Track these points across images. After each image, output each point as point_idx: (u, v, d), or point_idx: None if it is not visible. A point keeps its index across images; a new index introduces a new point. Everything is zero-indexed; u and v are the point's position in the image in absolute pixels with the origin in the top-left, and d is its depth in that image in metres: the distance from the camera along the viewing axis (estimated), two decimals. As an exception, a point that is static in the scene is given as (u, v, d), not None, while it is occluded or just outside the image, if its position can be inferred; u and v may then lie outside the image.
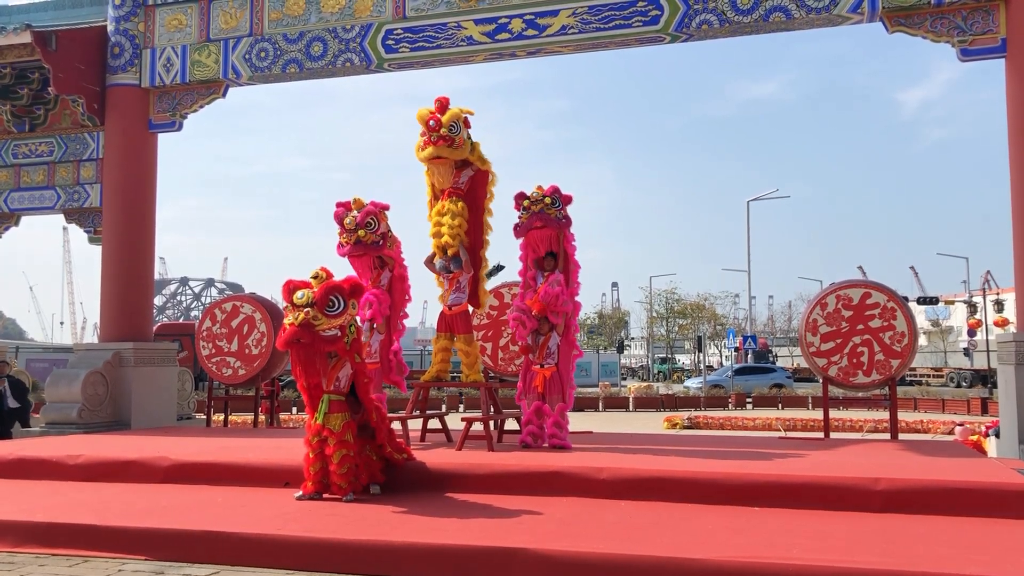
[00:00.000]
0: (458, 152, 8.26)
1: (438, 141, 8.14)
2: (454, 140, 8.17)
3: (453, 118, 8.19)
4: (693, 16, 9.79)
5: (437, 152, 8.18)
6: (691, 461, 7.19)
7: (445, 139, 8.13)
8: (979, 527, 5.57)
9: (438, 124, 8.14)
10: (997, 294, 47.47)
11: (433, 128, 8.16)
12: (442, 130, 8.12)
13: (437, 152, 8.18)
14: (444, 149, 8.17)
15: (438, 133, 8.13)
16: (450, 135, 8.14)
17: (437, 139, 8.14)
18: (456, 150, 8.22)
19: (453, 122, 8.18)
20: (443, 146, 8.15)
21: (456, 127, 8.20)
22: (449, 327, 8.70)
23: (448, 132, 8.13)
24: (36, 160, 12.99)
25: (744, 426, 22.21)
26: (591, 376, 49.44)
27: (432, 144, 8.17)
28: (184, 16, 11.86)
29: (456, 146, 8.20)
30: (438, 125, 8.14)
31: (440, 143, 8.14)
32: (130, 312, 11.92)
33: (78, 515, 6.08)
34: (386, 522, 5.82)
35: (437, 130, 8.14)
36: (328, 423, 6.66)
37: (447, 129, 8.13)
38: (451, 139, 8.15)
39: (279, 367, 12.21)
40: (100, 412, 11.28)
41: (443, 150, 8.17)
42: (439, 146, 8.15)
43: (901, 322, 9.53)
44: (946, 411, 27.30)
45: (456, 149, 8.22)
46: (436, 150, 8.17)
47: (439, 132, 8.13)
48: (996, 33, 9.02)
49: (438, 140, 8.14)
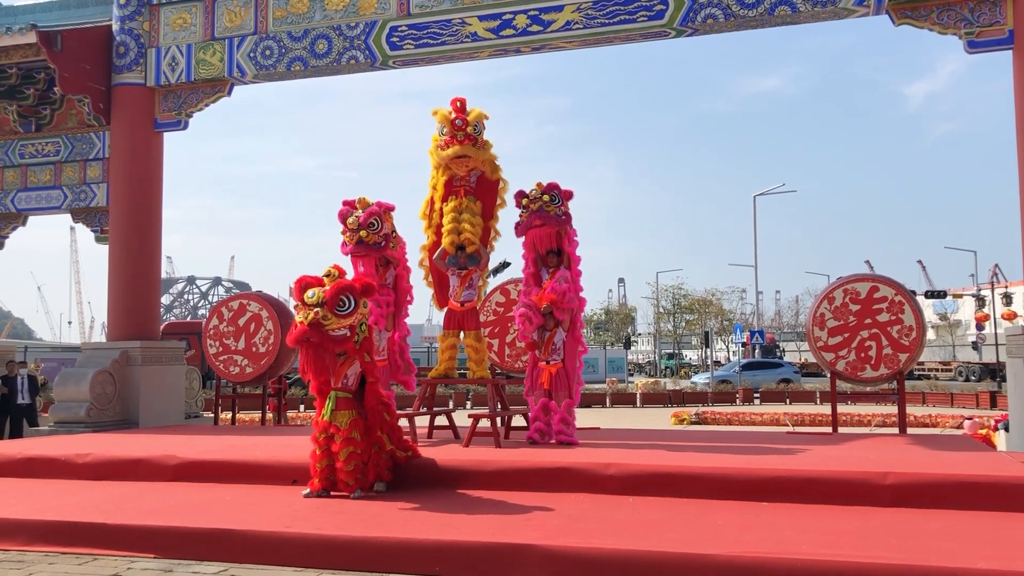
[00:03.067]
0: (481, 153, 8.39)
1: (464, 140, 8.26)
2: (477, 140, 8.31)
3: (477, 117, 8.34)
4: (698, 10, 9.75)
5: (464, 151, 8.28)
6: (699, 457, 7.17)
7: (471, 138, 8.26)
8: (989, 521, 5.54)
9: (464, 123, 8.24)
10: (1005, 287, 47.23)
11: (460, 127, 8.23)
12: (468, 128, 8.21)
13: (464, 151, 8.28)
14: (469, 148, 8.28)
15: (464, 132, 8.22)
16: (475, 135, 8.27)
17: (464, 138, 8.26)
18: (480, 150, 8.35)
19: (477, 121, 8.32)
20: (468, 145, 8.27)
21: (479, 127, 8.33)
22: (459, 324, 8.71)
23: (473, 131, 8.24)
24: (43, 160, 13.02)
25: (752, 421, 22.16)
26: (598, 372, 49.37)
27: (458, 143, 8.26)
28: (189, 15, 11.87)
29: (479, 146, 8.34)
30: (464, 124, 8.23)
31: (466, 142, 8.27)
32: (137, 311, 11.95)
33: (87, 514, 6.09)
34: (394, 519, 5.82)
35: (464, 128, 8.22)
36: (335, 420, 6.66)
37: (472, 128, 8.24)
38: (475, 139, 8.29)
39: (286, 365, 12.23)
40: (108, 411, 11.31)
41: (468, 149, 8.27)
42: (465, 144, 8.26)
43: (909, 316, 9.50)
44: (955, 405, 27.20)
45: (480, 149, 8.34)
46: (462, 148, 8.27)
47: (465, 131, 8.21)
48: (1003, 25, 8.98)
49: (464, 139, 8.26)
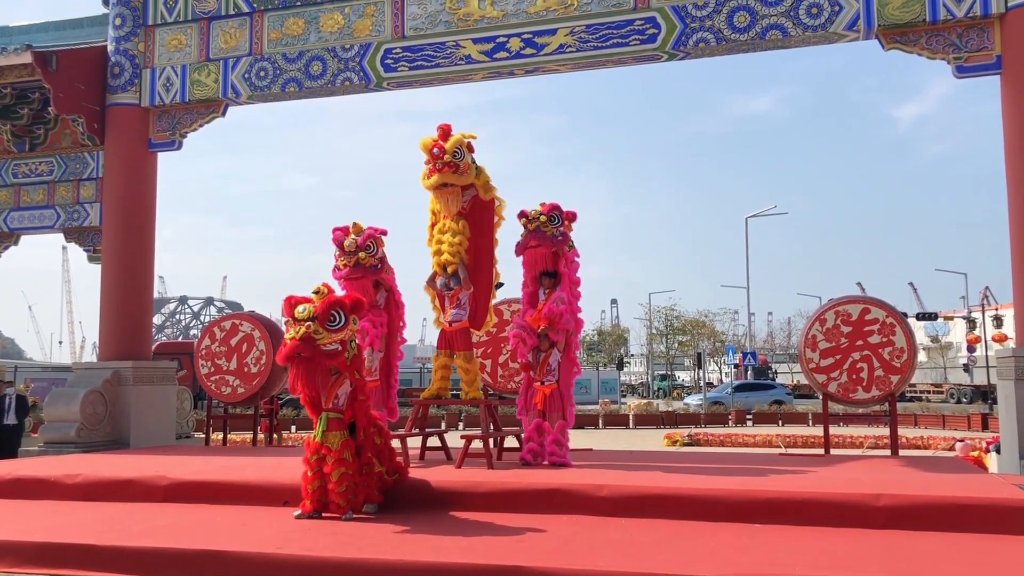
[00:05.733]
0: (464, 177, 8.32)
1: (443, 168, 8.20)
2: (458, 166, 8.23)
3: (456, 144, 8.25)
4: (690, 34, 9.85)
5: (443, 179, 8.23)
6: (692, 478, 7.16)
7: (450, 165, 8.19)
8: (981, 543, 5.54)
9: (442, 151, 8.19)
10: (996, 310, 47.45)
11: (437, 155, 8.21)
12: (446, 156, 8.17)
13: (443, 179, 8.23)
14: (449, 175, 8.23)
15: (442, 160, 8.18)
16: (454, 161, 8.20)
17: (442, 166, 8.20)
18: (461, 175, 8.29)
19: (456, 148, 8.24)
20: (448, 172, 8.22)
21: (460, 152, 8.25)
22: (449, 344, 8.70)
23: (452, 158, 8.19)
24: (36, 179, 13.01)
25: (744, 443, 22.14)
26: (591, 393, 49.29)
27: (437, 171, 8.23)
28: (184, 36, 11.92)
29: (461, 171, 8.27)
30: (442, 152, 8.19)
31: (445, 169, 8.20)
32: (129, 331, 11.91)
33: (76, 535, 6.05)
34: (386, 541, 5.79)
35: (441, 157, 8.19)
36: (327, 441, 6.64)
37: (451, 155, 8.19)
38: (455, 165, 8.21)
39: (278, 385, 12.19)
40: (99, 431, 11.25)
41: (448, 176, 8.23)
42: (444, 172, 8.21)
43: (900, 338, 9.53)
44: (946, 427, 27.24)
45: (461, 175, 8.28)
46: (442, 177, 8.22)
47: (443, 159, 8.18)
48: (991, 50, 9.08)
49: (443, 167, 8.20)
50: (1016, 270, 8.92)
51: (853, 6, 9.35)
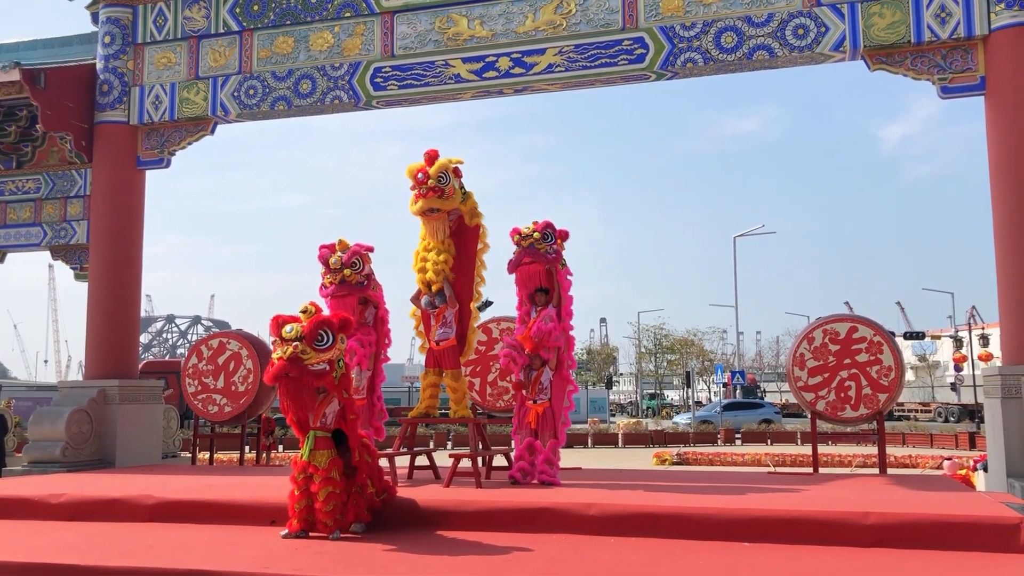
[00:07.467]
0: (449, 202, 8.32)
1: (428, 193, 8.21)
2: (444, 190, 8.23)
3: (441, 168, 8.25)
4: (678, 55, 9.92)
5: (428, 204, 8.24)
6: (681, 497, 7.15)
7: (435, 190, 8.20)
8: (969, 561, 5.55)
9: (426, 176, 8.21)
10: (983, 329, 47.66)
11: (421, 181, 8.22)
12: (430, 182, 8.19)
13: (428, 204, 8.24)
14: (435, 200, 8.23)
15: (427, 185, 8.20)
16: (439, 185, 8.20)
17: (427, 191, 8.20)
18: (447, 200, 8.29)
19: (441, 172, 8.24)
20: (433, 197, 8.22)
21: (445, 177, 8.25)
22: (437, 362, 8.68)
23: (437, 183, 8.20)
24: (23, 197, 12.96)
25: (733, 462, 22.15)
26: (580, 412, 49.20)
27: (423, 197, 8.24)
28: (173, 54, 11.93)
29: (446, 196, 8.26)
30: (426, 177, 8.20)
31: (430, 195, 8.21)
32: (116, 350, 11.83)
33: (60, 555, 5.98)
34: (374, 561, 5.76)
35: (426, 182, 8.20)
36: (314, 460, 6.60)
37: (435, 180, 8.20)
38: (440, 189, 8.21)
39: (266, 404, 12.14)
40: (84, 450, 11.15)
41: (433, 201, 8.23)
42: (429, 198, 8.22)
43: (888, 356, 9.57)
44: (934, 445, 27.32)
45: (447, 199, 8.28)
46: (427, 202, 8.23)
47: (428, 184, 8.19)
48: (975, 71, 9.19)
49: (428, 192, 8.20)
50: (1002, 289, 8.97)
51: (839, 27, 9.45)
